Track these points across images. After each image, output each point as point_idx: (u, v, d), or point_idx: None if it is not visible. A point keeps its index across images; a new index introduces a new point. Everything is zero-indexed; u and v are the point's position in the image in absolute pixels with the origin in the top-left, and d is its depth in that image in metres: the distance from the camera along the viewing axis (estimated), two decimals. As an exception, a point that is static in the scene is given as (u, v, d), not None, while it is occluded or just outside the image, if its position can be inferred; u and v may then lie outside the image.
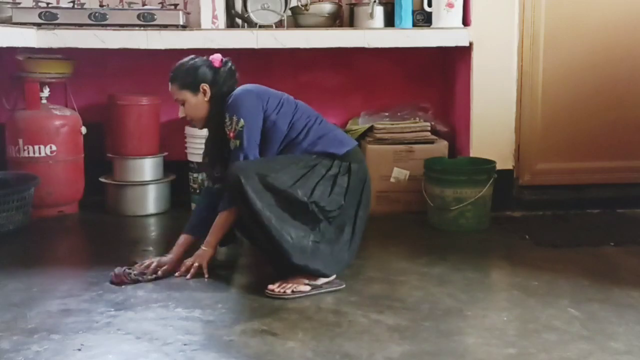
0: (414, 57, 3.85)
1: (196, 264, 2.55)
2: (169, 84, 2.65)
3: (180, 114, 2.67)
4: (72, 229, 3.39)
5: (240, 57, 3.67)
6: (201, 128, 2.73)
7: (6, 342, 2.01)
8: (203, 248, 2.58)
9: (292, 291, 2.37)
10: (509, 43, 3.43)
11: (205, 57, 2.64)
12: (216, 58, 2.63)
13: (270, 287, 2.38)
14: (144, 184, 3.56)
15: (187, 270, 2.54)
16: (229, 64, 2.66)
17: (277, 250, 2.39)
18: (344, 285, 2.44)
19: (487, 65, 3.42)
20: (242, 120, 2.49)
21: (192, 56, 2.67)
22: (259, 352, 1.94)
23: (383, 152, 3.46)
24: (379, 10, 3.51)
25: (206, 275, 2.53)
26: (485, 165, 3.27)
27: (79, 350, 1.96)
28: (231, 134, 2.50)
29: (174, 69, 2.66)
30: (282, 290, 2.37)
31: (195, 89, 2.59)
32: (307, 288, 2.39)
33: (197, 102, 2.61)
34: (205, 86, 2.59)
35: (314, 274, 2.41)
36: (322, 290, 2.40)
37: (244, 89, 2.58)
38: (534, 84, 3.55)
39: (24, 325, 2.13)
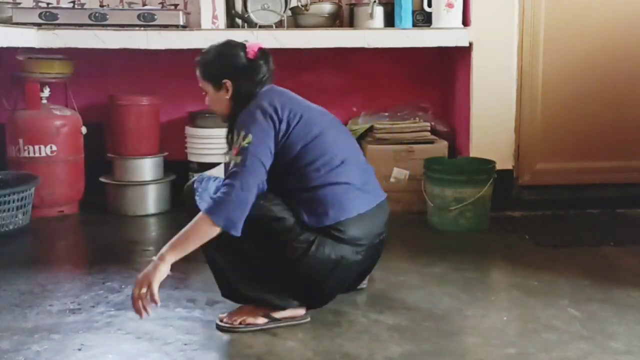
0: (414, 57, 3.84)
1: (143, 290, 1.92)
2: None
3: (206, 101, 2.29)
4: (72, 229, 3.39)
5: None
6: (225, 122, 2.28)
7: (6, 342, 2.01)
8: (154, 260, 1.97)
9: (241, 323, 2.08)
10: (509, 43, 3.43)
11: (241, 43, 2.24)
12: (252, 47, 2.20)
13: (220, 316, 2.13)
14: (144, 184, 3.56)
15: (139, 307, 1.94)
16: (266, 56, 2.23)
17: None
18: (308, 319, 2.14)
19: (487, 65, 3.42)
20: (250, 136, 2.04)
21: (228, 40, 2.26)
22: (259, 352, 1.94)
23: (383, 152, 3.46)
24: (379, 11, 3.51)
25: (157, 303, 1.93)
26: (485, 165, 3.27)
27: (79, 350, 1.97)
28: (234, 151, 2.05)
29: (204, 52, 2.26)
30: (230, 322, 2.09)
31: (217, 83, 2.19)
32: (263, 321, 2.09)
33: (218, 98, 2.22)
34: (228, 83, 2.17)
35: (270, 306, 2.11)
36: (281, 324, 2.10)
37: (258, 105, 2.12)
38: (534, 84, 3.55)
39: (24, 325, 2.13)
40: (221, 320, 2.11)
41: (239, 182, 1.99)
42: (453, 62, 3.72)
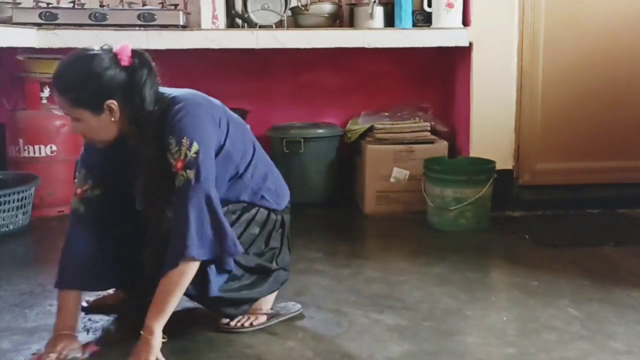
0: (414, 57, 3.85)
1: None
2: (54, 91, 1.85)
3: (73, 130, 1.89)
4: (72, 229, 3.38)
5: (240, 57, 3.71)
6: (105, 146, 1.95)
7: (6, 342, 2.01)
8: (145, 336, 1.81)
9: (251, 324, 2.07)
10: (509, 43, 3.43)
11: (104, 50, 1.86)
12: (123, 52, 1.85)
13: (225, 320, 2.07)
14: (144, 184, 3.56)
15: None
16: (144, 57, 1.89)
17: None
18: (300, 308, 2.21)
19: (487, 65, 3.42)
20: (195, 144, 1.80)
21: (87, 51, 1.85)
22: (259, 352, 1.94)
23: (383, 152, 3.46)
24: (379, 11, 3.51)
25: None
26: (485, 165, 3.27)
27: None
28: (179, 164, 1.79)
29: (60, 73, 1.83)
30: (239, 324, 2.06)
31: (96, 108, 1.82)
32: (264, 318, 2.11)
33: (101, 124, 1.84)
34: (112, 104, 1.82)
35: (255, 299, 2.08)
36: (281, 318, 2.14)
37: (192, 101, 1.90)
38: (534, 84, 3.56)
39: (24, 325, 2.13)
40: (227, 324, 2.07)
41: (203, 203, 1.81)
42: (453, 62, 3.72)
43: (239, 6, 3.52)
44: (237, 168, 2.00)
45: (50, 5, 3.38)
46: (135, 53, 1.87)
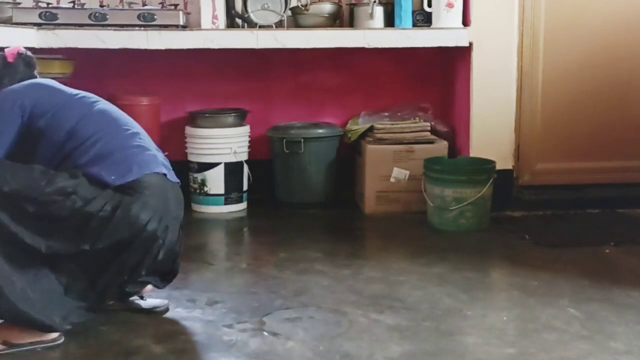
0: (414, 57, 3.85)
1: None
2: None
3: None
4: (72, 229, 3.38)
5: (240, 57, 3.71)
6: None
7: (6, 342, 2.01)
8: None
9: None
10: (509, 43, 3.43)
11: (2, 50, 2.28)
12: (11, 52, 2.26)
13: None
14: (144, 184, 3.55)
15: None
16: (28, 60, 2.29)
17: None
18: (62, 340, 1.99)
19: (487, 65, 3.41)
20: None
21: None
22: (259, 352, 1.94)
23: (383, 152, 3.46)
24: (379, 11, 3.51)
25: None
26: (485, 165, 3.27)
27: (79, 349, 1.97)
28: None
29: None
30: None
31: None
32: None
33: None
34: None
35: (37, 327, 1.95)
36: (24, 348, 1.95)
37: (12, 87, 2.16)
38: (534, 84, 3.55)
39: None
40: None
41: None
42: (453, 62, 3.72)
43: (239, 6, 3.52)
44: (63, 145, 2.06)
45: (50, 5, 3.38)
46: (21, 55, 2.26)
